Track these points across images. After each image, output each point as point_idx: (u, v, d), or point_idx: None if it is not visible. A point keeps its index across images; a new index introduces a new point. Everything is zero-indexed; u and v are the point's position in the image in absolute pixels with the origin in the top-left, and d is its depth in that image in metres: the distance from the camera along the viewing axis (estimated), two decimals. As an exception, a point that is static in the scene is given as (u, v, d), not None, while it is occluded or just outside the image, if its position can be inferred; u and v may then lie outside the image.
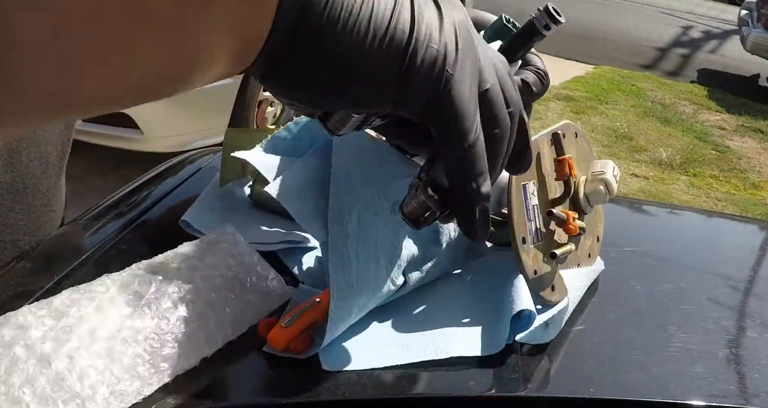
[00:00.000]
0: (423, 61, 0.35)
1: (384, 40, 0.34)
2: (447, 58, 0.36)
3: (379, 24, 0.34)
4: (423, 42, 0.35)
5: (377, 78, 0.35)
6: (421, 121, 0.38)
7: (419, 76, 0.36)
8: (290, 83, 0.36)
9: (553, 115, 4.97)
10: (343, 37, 0.34)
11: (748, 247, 1.00)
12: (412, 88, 0.36)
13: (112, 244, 0.67)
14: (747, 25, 6.95)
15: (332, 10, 0.33)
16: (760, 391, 0.60)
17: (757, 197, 4.26)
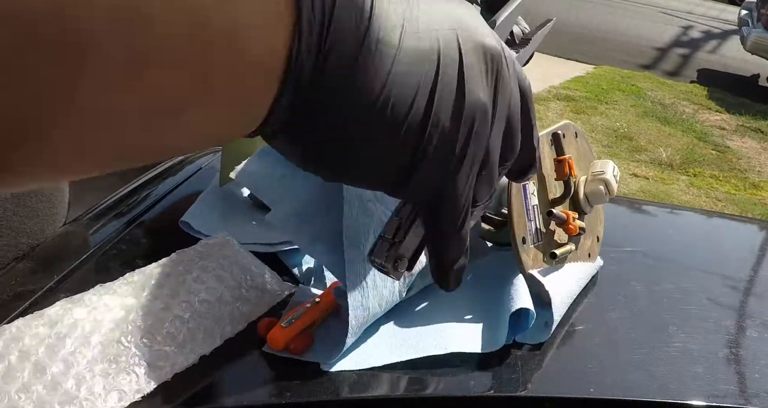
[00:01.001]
0: (433, 154, 0.33)
1: (398, 132, 0.32)
2: (456, 148, 0.34)
3: (396, 114, 0.32)
4: (436, 134, 0.33)
5: (384, 166, 0.33)
6: (415, 203, 0.37)
7: (424, 170, 0.34)
8: (288, 152, 0.34)
9: (553, 115, 4.97)
10: (354, 121, 0.31)
11: (748, 247, 1.00)
12: (415, 181, 0.34)
13: (112, 244, 0.67)
14: (747, 25, 6.95)
15: (350, 92, 0.30)
16: (760, 391, 0.60)
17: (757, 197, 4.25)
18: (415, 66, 0.32)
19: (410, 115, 0.32)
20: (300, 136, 0.32)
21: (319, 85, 0.30)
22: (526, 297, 0.60)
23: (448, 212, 0.36)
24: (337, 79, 0.30)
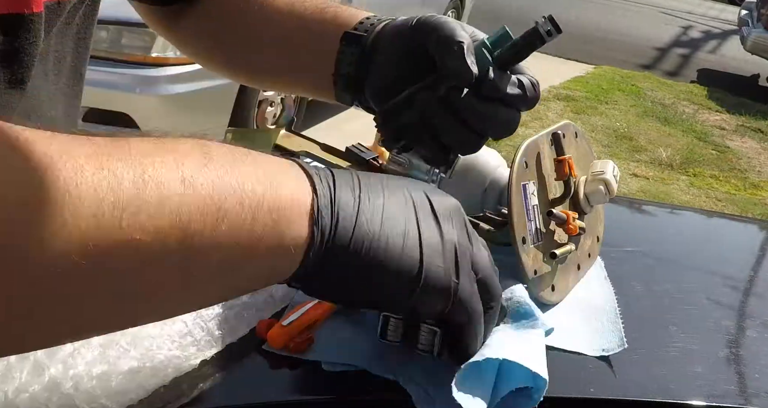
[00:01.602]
0: (431, 280, 0.44)
1: (398, 269, 0.43)
2: (450, 272, 0.44)
3: (391, 255, 0.43)
4: (430, 265, 0.44)
5: (393, 296, 0.44)
6: (438, 321, 0.48)
7: (429, 293, 0.44)
8: (316, 293, 0.46)
9: (553, 115, 4.97)
10: (363, 266, 0.42)
11: (748, 247, 1.00)
12: (424, 303, 0.45)
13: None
14: (747, 25, 6.95)
15: (355, 244, 0.42)
16: (760, 391, 0.60)
17: (757, 197, 4.25)
18: (398, 211, 0.44)
19: (406, 253, 0.43)
20: (327, 279, 0.43)
21: (325, 260, 0.42)
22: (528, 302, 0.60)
23: (469, 324, 0.47)
24: (347, 235, 0.42)
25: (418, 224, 0.44)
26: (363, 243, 0.42)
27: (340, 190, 0.42)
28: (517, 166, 0.63)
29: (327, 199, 0.42)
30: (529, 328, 0.56)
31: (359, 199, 0.43)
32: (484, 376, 0.51)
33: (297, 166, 0.43)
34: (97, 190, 0.32)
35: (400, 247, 0.43)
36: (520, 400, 0.51)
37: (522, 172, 0.63)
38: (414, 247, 0.43)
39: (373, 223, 0.42)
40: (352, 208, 0.42)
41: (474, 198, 0.69)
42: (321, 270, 0.42)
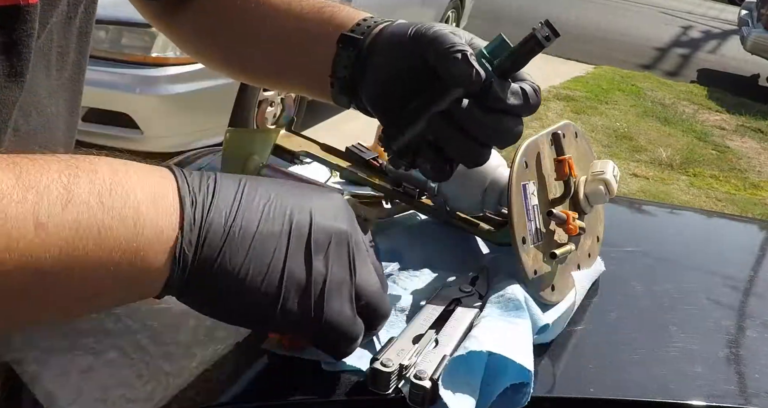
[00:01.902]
0: (287, 314, 0.45)
1: (255, 301, 0.45)
2: (309, 306, 0.46)
3: (249, 288, 0.44)
4: (286, 300, 0.45)
5: (254, 321, 0.47)
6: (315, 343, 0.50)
7: (287, 323, 0.46)
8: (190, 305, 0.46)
9: (553, 115, 4.97)
10: (221, 295, 0.44)
11: (748, 247, 1.00)
12: (287, 328, 0.48)
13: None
14: (747, 25, 6.95)
15: (214, 278, 0.43)
16: (760, 391, 0.60)
17: (757, 197, 4.25)
18: (268, 243, 0.44)
19: (265, 282, 0.44)
20: (191, 300, 0.45)
21: (186, 287, 0.43)
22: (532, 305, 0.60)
23: (341, 343, 0.49)
24: (208, 267, 0.43)
25: (285, 258, 0.45)
26: (222, 277, 0.43)
27: (212, 218, 0.43)
28: (517, 166, 0.63)
29: (194, 234, 0.42)
30: (516, 317, 0.57)
31: (229, 231, 0.43)
32: (472, 371, 0.51)
33: (174, 189, 0.43)
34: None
35: (258, 282, 0.44)
36: (512, 396, 0.52)
37: (522, 172, 0.63)
38: (273, 282, 0.44)
39: (237, 256, 0.43)
40: (219, 240, 0.43)
41: (474, 198, 0.69)
42: (184, 292, 0.44)
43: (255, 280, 0.44)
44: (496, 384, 0.52)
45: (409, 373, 0.50)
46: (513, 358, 0.51)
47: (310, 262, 0.46)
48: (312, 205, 0.47)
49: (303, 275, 0.46)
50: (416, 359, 0.51)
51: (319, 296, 0.46)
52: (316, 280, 0.46)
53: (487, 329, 0.55)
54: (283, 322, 0.46)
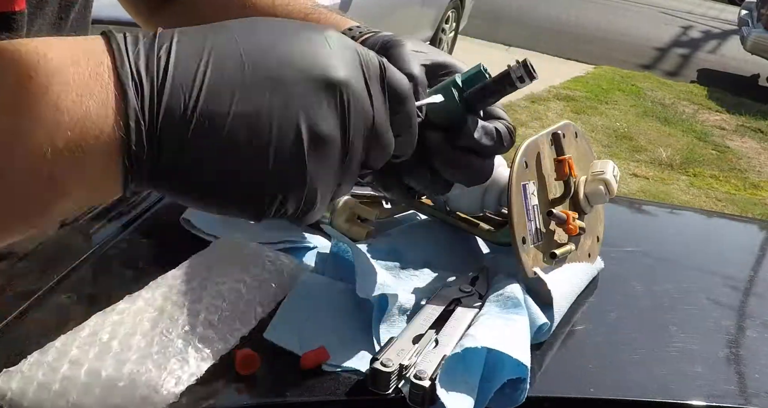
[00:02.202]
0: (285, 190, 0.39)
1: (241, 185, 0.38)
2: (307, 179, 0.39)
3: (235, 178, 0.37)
4: (282, 176, 0.38)
5: (244, 200, 0.39)
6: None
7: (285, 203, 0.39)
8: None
9: (553, 115, 4.97)
10: (196, 187, 0.37)
11: (748, 247, 1.00)
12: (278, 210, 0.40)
13: (112, 244, 0.67)
14: (747, 25, 6.95)
15: (185, 165, 0.36)
16: (760, 391, 0.60)
17: (757, 197, 4.25)
18: (245, 127, 0.36)
19: (248, 174, 0.37)
20: (165, 192, 0.38)
21: (159, 168, 0.36)
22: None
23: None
24: (173, 161, 0.36)
25: (269, 155, 0.37)
26: (192, 183, 0.37)
27: (165, 105, 0.35)
28: (517, 166, 0.63)
29: (144, 133, 0.34)
30: (514, 314, 0.57)
31: (193, 120, 0.35)
32: (470, 368, 0.51)
33: (109, 68, 0.34)
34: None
35: (239, 190, 0.38)
36: (509, 393, 0.52)
37: (522, 172, 0.63)
38: (256, 186, 0.38)
39: (207, 154, 0.36)
40: (178, 134, 0.35)
41: (474, 198, 0.69)
42: (150, 188, 0.37)
43: (234, 178, 0.37)
44: (493, 380, 0.52)
45: (409, 373, 0.51)
46: (510, 354, 0.51)
47: (302, 131, 0.38)
48: (299, 54, 0.38)
49: (299, 179, 0.38)
50: (416, 359, 0.52)
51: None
52: (309, 149, 0.38)
53: (484, 326, 0.55)
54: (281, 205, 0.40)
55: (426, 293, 0.62)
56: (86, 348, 0.49)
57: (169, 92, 0.35)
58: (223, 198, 0.38)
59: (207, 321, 0.53)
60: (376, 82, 0.41)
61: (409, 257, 0.68)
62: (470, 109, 0.51)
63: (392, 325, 0.58)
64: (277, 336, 0.55)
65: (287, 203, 0.39)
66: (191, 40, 0.37)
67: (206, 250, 0.63)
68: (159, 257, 0.61)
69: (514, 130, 0.53)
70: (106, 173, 0.35)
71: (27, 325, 0.55)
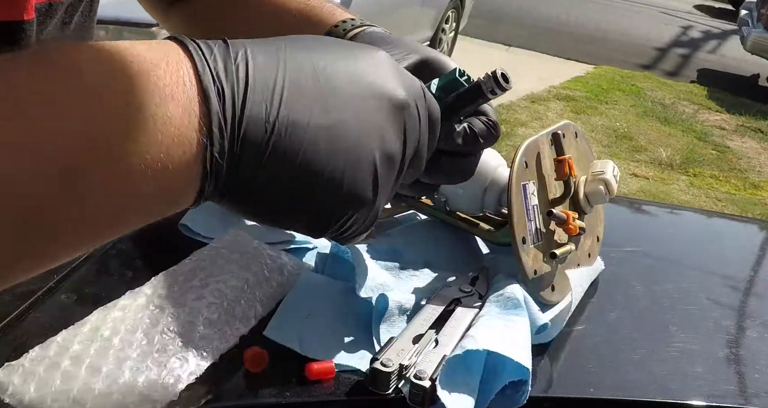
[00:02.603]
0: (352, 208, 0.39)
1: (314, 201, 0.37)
2: (372, 194, 0.39)
3: (312, 191, 0.37)
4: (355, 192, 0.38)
5: (313, 221, 0.39)
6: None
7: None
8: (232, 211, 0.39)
9: (553, 115, 4.97)
10: (272, 200, 0.36)
11: (748, 247, 1.00)
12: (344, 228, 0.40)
13: (112, 244, 0.67)
14: (747, 25, 6.95)
15: (264, 177, 0.35)
16: (760, 391, 0.60)
17: (757, 197, 4.25)
18: (324, 141, 0.36)
19: (325, 186, 0.36)
20: (233, 205, 0.37)
21: (237, 178, 0.35)
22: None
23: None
24: (251, 171, 0.35)
25: (344, 161, 0.37)
26: (270, 189, 0.36)
27: (249, 114, 0.34)
28: (517, 166, 0.63)
29: (226, 138, 0.33)
30: (514, 315, 0.57)
31: (273, 129, 0.34)
32: (470, 370, 0.51)
33: (191, 76, 0.33)
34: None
35: (321, 190, 0.37)
36: (510, 394, 0.52)
37: (522, 172, 0.63)
38: (337, 188, 0.37)
39: (286, 162, 0.35)
40: (261, 143, 0.34)
41: (474, 198, 0.69)
42: (223, 202, 0.37)
43: (310, 192, 0.36)
44: (494, 382, 0.52)
45: (409, 373, 0.51)
46: (511, 356, 0.51)
47: (374, 149, 0.38)
48: (365, 75, 0.39)
49: (366, 169, 0.38)
50: (416, 359, 0.52)
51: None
52: (381, 167, 0.39)
53: (485, 328, 0.55)
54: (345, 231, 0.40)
55: (426, 293, 0.62)
56: (87, 343, 0.49)
57: (251, 99, 0.34)
58: (296, 211, 0.38)
59: (207, 319, 0.54)
60: (423, 106, 0.42)
61: (409, 257, 0.68)
62: (445, 118, 0.49)
63: (392, 325, 0.58)
64: (277, 334, 0.55)
65: (354, 221, 0.39)
66: (265, 50, 0.36)
67: (207, 248, 0.63)
68: (159, 257, 0.61)
69: (496, 124, 0.52)
70: (182, 181, 0.33)
71: (27, 325, 0.55)
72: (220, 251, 0.62)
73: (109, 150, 0.30)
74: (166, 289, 0.56)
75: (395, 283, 0.63)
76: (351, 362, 0.53)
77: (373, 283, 0.60)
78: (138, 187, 0.32)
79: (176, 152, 0.32)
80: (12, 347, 0.51)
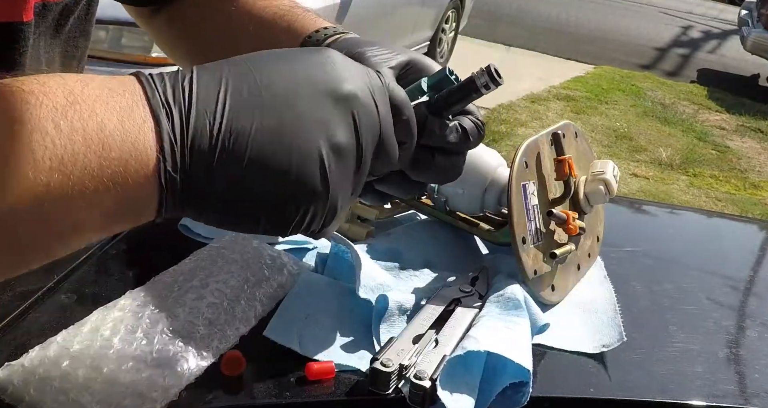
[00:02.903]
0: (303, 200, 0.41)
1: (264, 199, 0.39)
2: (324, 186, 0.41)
3: (258, 195, 0.39)
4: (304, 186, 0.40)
5: (268, 219, 0.41)
6: None
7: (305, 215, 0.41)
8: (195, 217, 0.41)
9: (553, 115, 4.97)
10: (226, 205, 0.39)
11: (748, 247, 1.00)
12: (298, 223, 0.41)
13: (111, 244, 0.67)
14: (747, 25, 6.94)
15: (216, 185, 0.38)
16: (760, 391, 0.60)
17: (757, 197, 4.25)
18: (268, 142, 0.38)
19: (274, 184, 0.39)
20: (195, 215, 0.40)
21: (191, 189, 0.38)
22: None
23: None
24: (203, 181, 0.38)
25: (289, 159, 0.39)
26: (221, 197, 0.39)
27: (194, 129, 0.37)
28: (517, 166, 0.63)
29: (178, 153, 0.37)
30: (515, 316, 0.57)
31: (218, 141, 0.38)
32: (470, 370, 0.51)
33: (143, 101, 0.37)
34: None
35: (268, 192, 0.39)
36: (511, 395, 0.52)
37: (522, 172, 0.63)
38: (287, 187, 0.40)
39: (233, 168, 0.38)
40: (208, 154, 0.37)
41: (474, 198, 0.69)
42: (180, 211, 0.40)
43: (261, 191, 0.39)
44: (495, 383, 0.52)
45: (409, 373, 0.51)
46: (511, 358, 0.51)
47: (321, 142, 0.40)
48: (311, 73, 0.41)
49: (312, 162, 0.40)
50: (416, 359, 0.52)
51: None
52: (329, 159, 0.40)
53: (486, 329, 0.55)
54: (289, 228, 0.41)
55: (426, 293, 0.62)
56: (87, 344, 0.49)
57: (195, 116, 0.37)
58: (251, 213, 0.40)
59: (207, 319, 0.54)
60: (380, 93, 0.43)
61: (409, 257, 0.68)
62: (437, 115, 0.50)
63: (392, 325, 0.58)
64: (277, 334, 0.55)
65: (312, 215, 0.41)
66: (210, 72, 0.39)
67: (207, 248, 0.63)
68: (159, 257, 0.61)
69: (483, 124, 0.53)
70: (142, 194, 0.37)
71: (27, 325, 0.55)
72: (220, 251, 0.62)
73: (81, 162, 0.34)
74: (166, 289, 0.56)
75: (395, 283, 0.63)
76: (351, 362, 0.53)
77: (372, 283, 0.60)
78: (101, 199, 0.35)
79: (134, 166, 0.36)
80: (12, 347, 0.51)
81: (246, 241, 0.64)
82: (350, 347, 0.55)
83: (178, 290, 0.56)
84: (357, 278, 0.59)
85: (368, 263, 0.62)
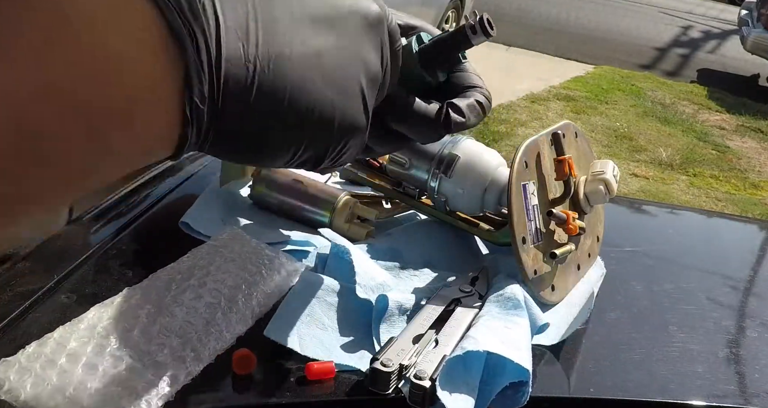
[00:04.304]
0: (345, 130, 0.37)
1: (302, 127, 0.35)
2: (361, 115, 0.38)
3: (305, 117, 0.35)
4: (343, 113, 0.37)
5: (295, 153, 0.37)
6: None
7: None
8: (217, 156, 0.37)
9: (553, 115, 4.97)
10: (259, 134, 0.34)
11: (748, 247, 1.00)
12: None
13: (112, 244, 0.67)
14: (747, 25, 6.94)
15: (249, 116, 0.33)
16: (760, 391, 0.60)
17: (757, 197, 4.25)
18: (309, 72, 0.34)
19: (315, 110, 0.34)
20: (219, 151, 0.35)
21: (223, 123, 0.32)
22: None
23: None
24: (239, 114, 0.33)
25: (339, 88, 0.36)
26: (256, 131, 0.34)
27: (225, 52, 0.31)
28: (517, 166, 0.63)
29: (206, 82, 0.31)
30: (515, 316, 0.57)
31: (255, 67, 0.32)
32: (470, 370, 0.51)
33: (160, 20, 0.29)
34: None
35: (317, 121, 0.35)
36: (511, 395, 0.52)
37: (522, 172, 0.63)
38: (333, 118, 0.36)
39: (275, 99, 0.33)
40: (244, 82, 0.32)
41: (474, 198, 0.69)
42: (206, 148, 0.34)
43: (306, 123, 0.35)
44: (494, 383, 0.52)
45: (409, 373, 0.51)
46: (511, 358, 0.51)
47: (359, 69, 0.36)
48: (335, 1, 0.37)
49: (353, 88, 0.36)
50: (416, 359, 0.52)
51: None
52: (367, 86, 0.37)
53: (486, 329, 0.55)
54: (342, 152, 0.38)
55: (426, 293, 0.62)
56: (84, 341, 0.49)
57: (225, 39, 0.31)
58: (289, 150, 0.36)
59: (204, 320, 0.53)
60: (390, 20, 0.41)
61: (409, 257, 0.68)
62: (427, 64, 0.48)
63: (392, 325, 0.58)
64: (277, 334, 0.55)
65: (348, 148, 0.38)
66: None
67: (205, 246, 0.63)
68: (159, 257, 0.61)
69: (489, 98, 0.49)
70: (158, 129, 0.31)
71: (27, 324, 0.55)
72: (218, 250, 0.62)
73: (74, 97, 0.26)
74: (164, 287, 0.56)
75: (395, 283, 0.63)
76: (351, 362, 0.53)
77: (372, 283, 0.60)
78: (108, 137, 0.28)
79: (148, 97, 0.29)
80: (12, 347, 0.51)
81: (244, 241, 0.64)
82: (350, 347, 0.55)
83: (176, 289, 0.56)
84: (357, 278, 0.59)
85: (368, 263, 0.62)
